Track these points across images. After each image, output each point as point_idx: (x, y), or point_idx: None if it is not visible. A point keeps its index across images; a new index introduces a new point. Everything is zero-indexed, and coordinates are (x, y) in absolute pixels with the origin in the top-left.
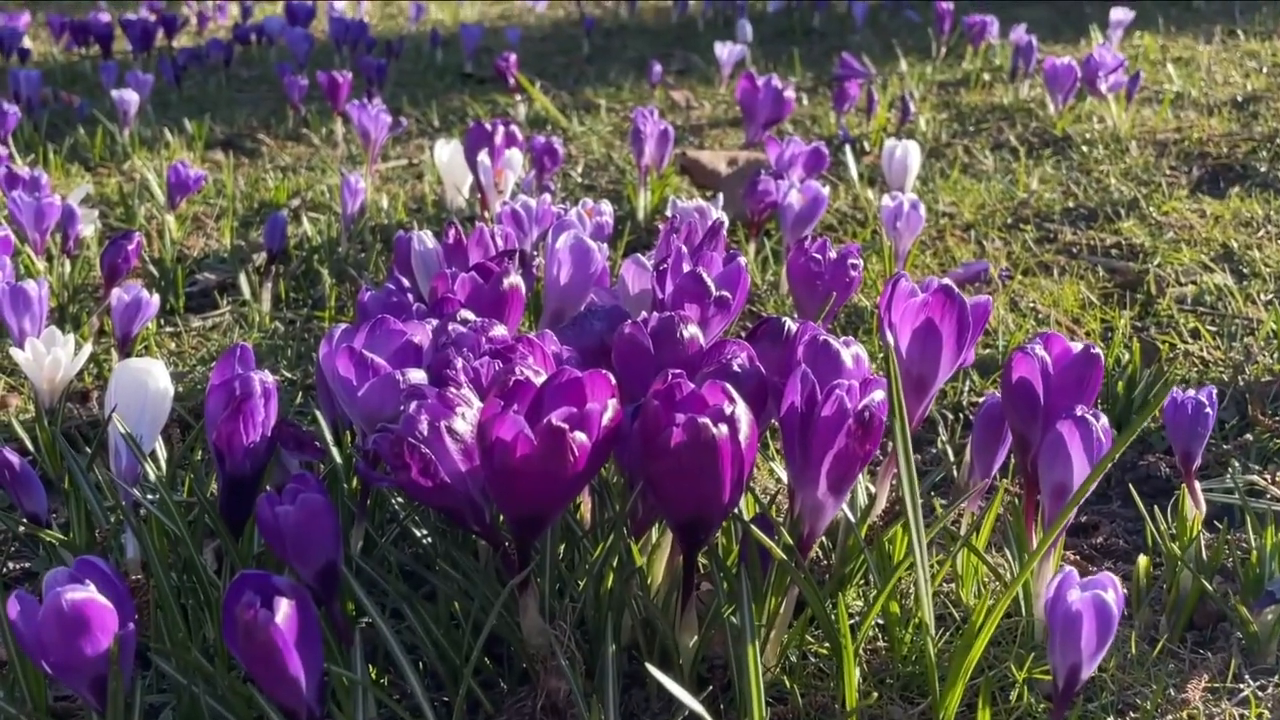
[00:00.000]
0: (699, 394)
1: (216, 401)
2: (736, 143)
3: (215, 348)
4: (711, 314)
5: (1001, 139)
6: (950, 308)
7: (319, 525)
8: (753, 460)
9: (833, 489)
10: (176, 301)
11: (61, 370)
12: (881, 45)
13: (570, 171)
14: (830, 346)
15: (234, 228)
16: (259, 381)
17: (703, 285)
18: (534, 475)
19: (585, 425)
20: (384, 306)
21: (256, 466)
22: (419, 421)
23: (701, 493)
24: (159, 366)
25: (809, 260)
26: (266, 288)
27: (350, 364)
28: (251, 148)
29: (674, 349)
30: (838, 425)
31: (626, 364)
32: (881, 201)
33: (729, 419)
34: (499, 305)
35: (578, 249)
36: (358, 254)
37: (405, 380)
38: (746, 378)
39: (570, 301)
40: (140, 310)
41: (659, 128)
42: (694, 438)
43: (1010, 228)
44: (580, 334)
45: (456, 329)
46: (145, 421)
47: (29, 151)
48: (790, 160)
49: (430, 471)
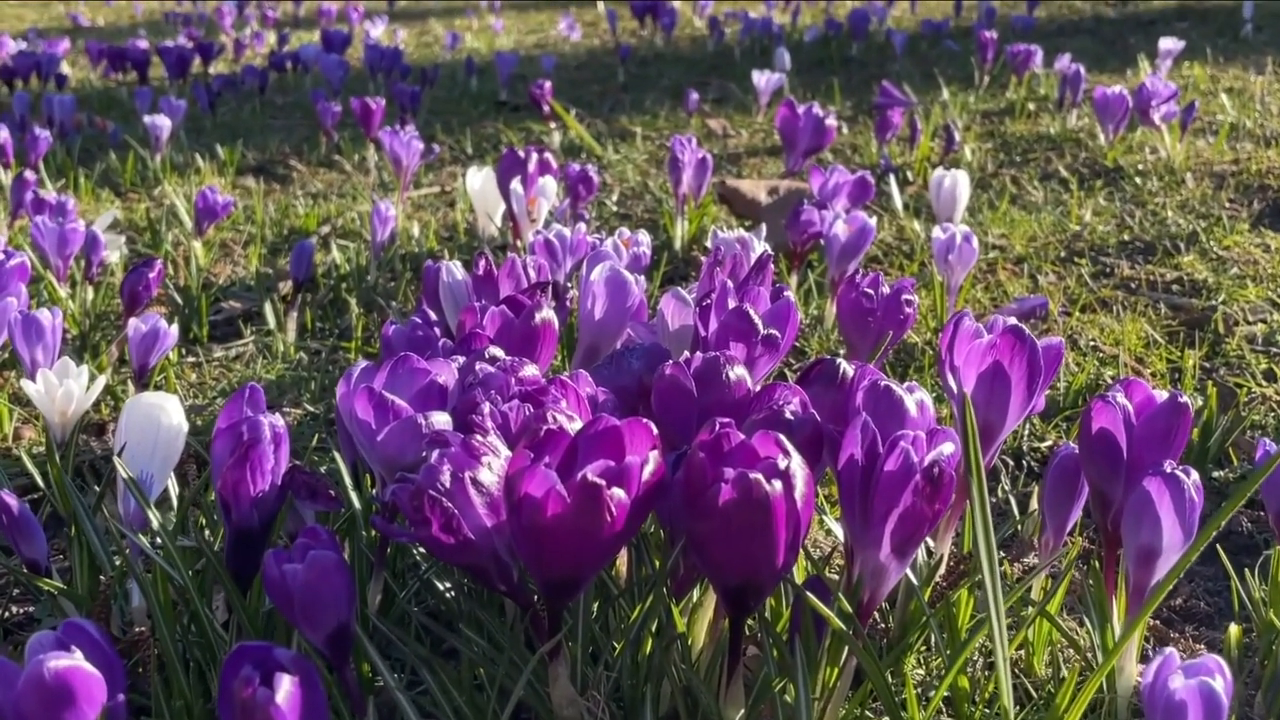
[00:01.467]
0: (749, 445)
1: (222, 447)
2: (775, 172)
3: (237, 379)
4: (759, 354)
5: (1050, 169)
6: (1020, 350)
7: (330, 586)
8: (809, 520)
9: (897, 551)
10: (200, 330)
11: (74, 403)
12: (921, 74)
13: (605, 200)
14: (892, 393)
15: (262, 255)
16: (269, 426)
17: (749, 323)
18: (567, 536)
19: (624, 481)
20: (408, 341)
21: (265, 518)
22: (441, 472)
23: (752, 556)
24: (173, 402)
25: (860, 296)
26: (292, 317)
27: (369, 406)
28: (283, 174)
29: (719, 392)
30: (903, 482)
31: (667, 408)
32: (931, 233)
33: (783, 474)
34: (530, 341)
35: (614, 281)
36: (387, 283)
37: (428, 425)
38: (800, 426)
39: (605, 337)
40: (158, 341)
41: (697, 156)
42: (745, 496)
43: (1064, 261)
44: (617, 373)
45: (484, 369)
46: (157, 460)
47: (60, 176)
48: (834, 190)
49: (453, 527)
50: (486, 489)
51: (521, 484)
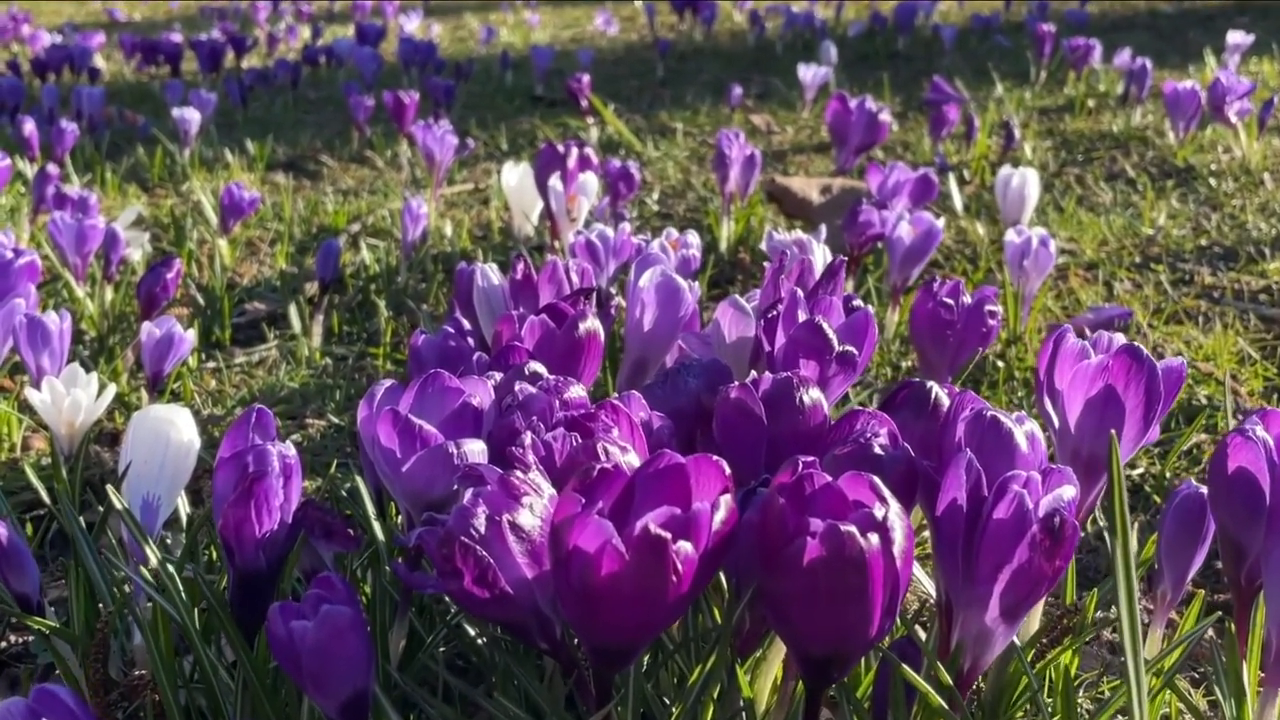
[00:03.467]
0: (836, 489)
1: (225, 480)
2: (823, 170)
3: (259, 386)
4: (833, 373)
5: (1116, 169)
6: (1138, 373)
7: (345, 648)
8: (909, 578)
9: (1006, 614)
10: (222, 333)
11: (82, 414)
12: (972, 70)
13: (645, 199)
14: (1000, 425)
15: (289, 253)
16: (277, 455)
17: (822, 338)
18: (623, 598)
19: (691, 532)
20: (439, 353)
21: (274, 560)
22: (475, 515)
23: (841, 623)
24: (183, 416)
25: (939, 306)
26: (318, 320)
27: (393, 431)
28: (313, 170)
29: (792, 419)
30: (1016, 534)
31: (732, 436)
32: (993, 236)
33: (880, 526)
34: (573, 354)
35: (665, 288)
36: (417, 284)
37: (460, 455)
38: (891, 464)
39: (655, 349)
40: (173, 348)
41: (745, 152)
42: (835, 553)
43: (1140, 268)
44: (672, 394)
45: (524, 389)
46: (164, 480)
47: (88, 171)
48: (895, 189)
49: (488, 580)
50: (527, 535)
51: (571, 535)
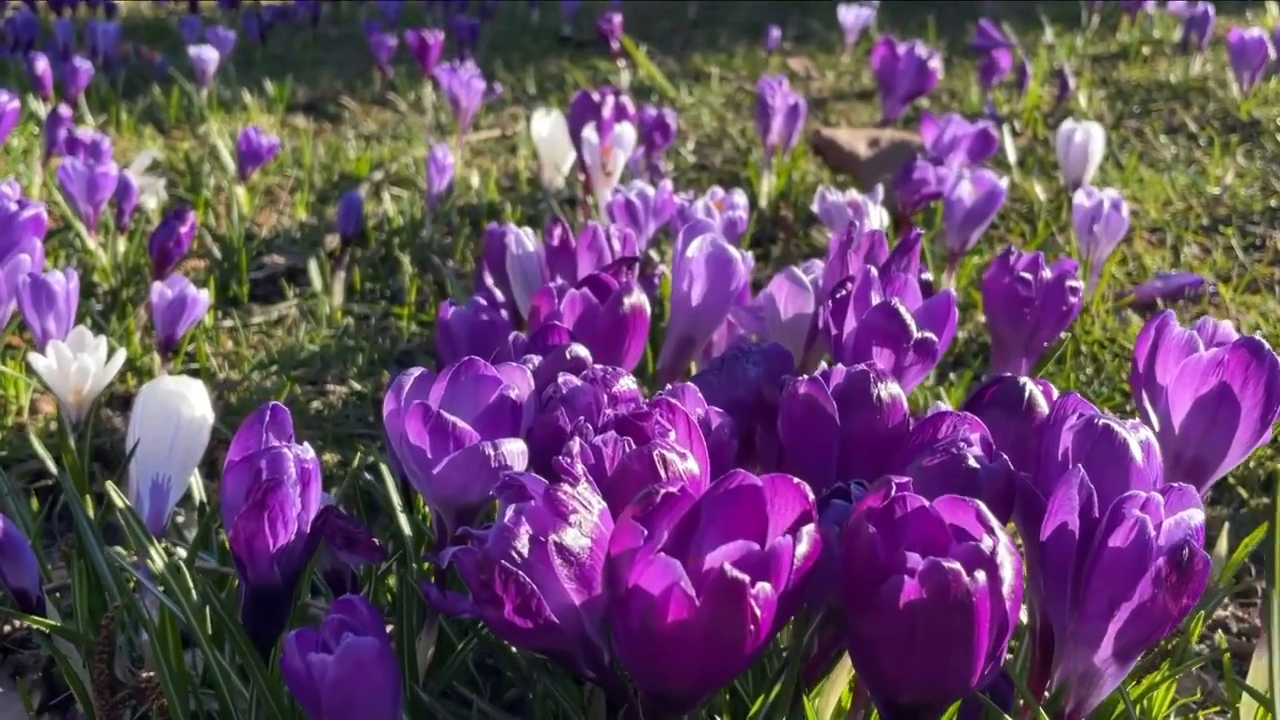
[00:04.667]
0: (933, 515)
1: (236, 485)
2: (865, 119)
3: (278, 348)
4: (909, 363)
5: (1175, 122)
6: (1257, 371)
7: (370, 683)
8: (1017, 620)
9: (1120, 655)
10: (239, 289)
11: (90, 380)
12: (1017, 13)
13: (680, 148)
14: (1114, 435)
15: (309, 203)
16: (294, 461)
17: (899, 324)
18: (691, 646)
19: (771, 570)
20: (470, 328)
21: (291, 573)
22: (517, 536)
23: (939, 670)
24: (195, 389)
25: (1016, 281)
26: (339, 277)
27: (424, 429)
28: (334, 112)
29: (868, 418)
30: (1136, 566)
31: (801, 437)
32: (1075, 200)
33: (988, 562)
34: (617, 332)
35: (716, 260)
36: (443, 238)
37: (497, 456)
38: (988, 479)
39: (703, 325)
40: (185, 310)
41: (788, 101)
42: (938, 595)
43: (1208, 230)
44: (729, 382)
45: (569, 382)
46: (175, 460)
47: (103, 111)
48: (951, 144)
49: (531, 609)
50: (576, 557)
51: (631, 572)
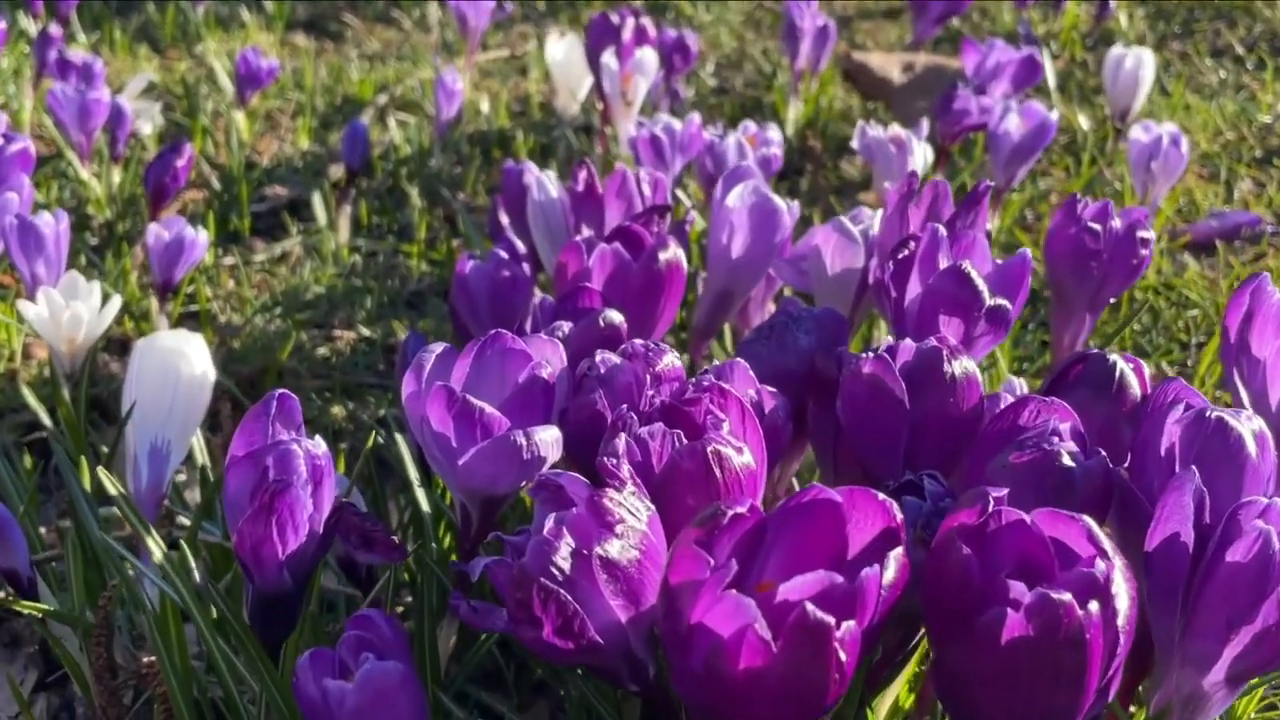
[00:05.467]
0: (1034, 532)
1: (239, 482)
2: (893, 39)
3: (282, 289)
4: (980, 332)
5: (1220, 44)
6: None
7: (392, 712)
8: (1129, 647)
9: (1232, 680)
10: (240, 222)
11: (84, 329)
12: None
13: (699, 71)
14: (1228, 431)
15: (312, 128)
16: (304, 457)
17: (970, 290)
18: (765, 694)
19: (857, 606)
20: (490, 285)
21: (302, 575)
22: (557, 550)
23: (1043, 708)
24: (195, 344)
25: (1083, 233)
26: (344, 212)
27: (448, 415)
28: (336, 30)
29: (940, 399)
30: (1257, 586)
31: (865, 420)
32: (1131, 135)
33: (1102, 591)
34: (652, 290)
35: (759, 210)
36: (452, 168)
37: (530, 447)
38: (1084, 479)
39: (743, 280)
40: (183, 252)
41: (818, 22)
42: (1048, 632)
43: (1261, 163)
44: (778, 350)
45: (607, 360)
46: (175, 420)
47: (96, 28)
48: (993, 71)
49: (573, 630)
50: (623, 571)
51: (695, 607)
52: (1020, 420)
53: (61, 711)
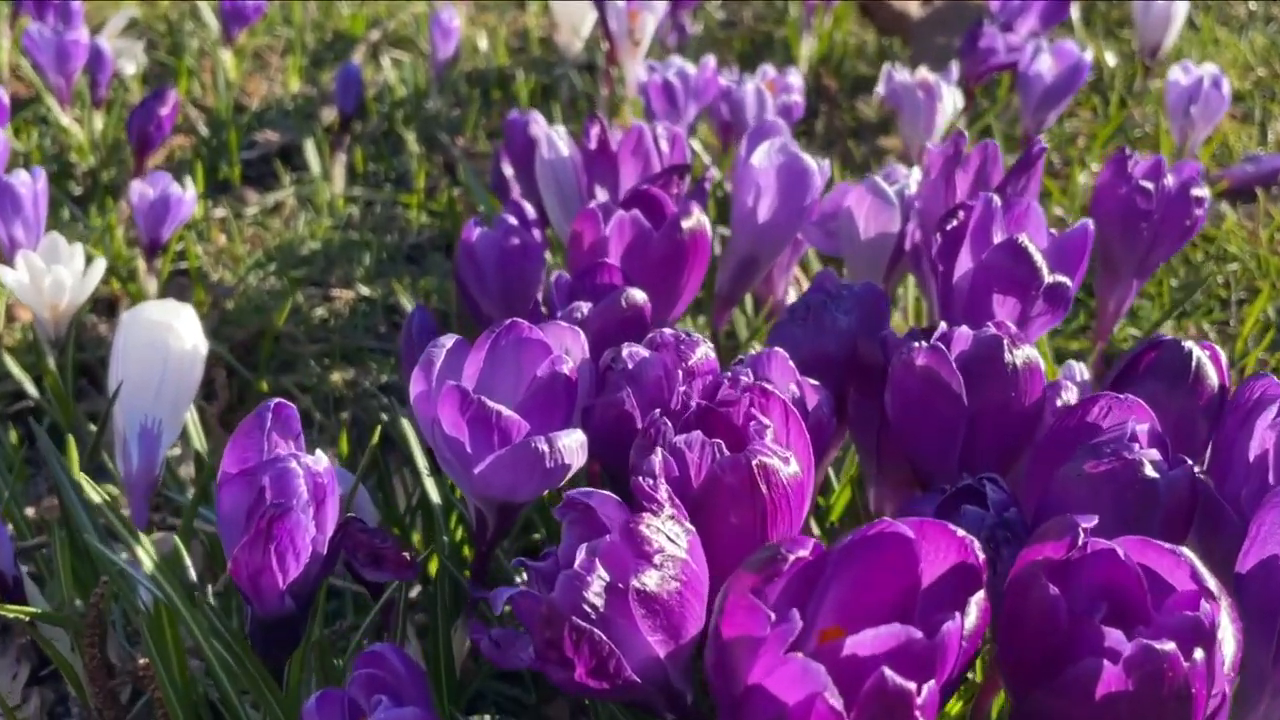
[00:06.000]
0: (1126, 566)
1: (233, 502)
2: None
3: (276, 243)
4: (1037, 312)
5: None
6: None
7: None
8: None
9: None
10: (230, 170)
11: (67, 295)
12: None
13: (704, 4)
14: None
15: (302, 68)
16: (305, 477)
17: (1028, 266)
18: None
19: (935, 663)
20: (498, 254)
21: (305, 598)
22: (590, 586)
23: None
24: (185, 316)
25: (1135, 192)
26: (339, 160)
27: (461, 419)
28: None
29: (1000, 393)
30: None
31: (917, 414)
32: (1169, 76)
33: (1208, 637)
34: (675, 261)
35: (788, 170)
36: (450, 110)
37: (553, 455)
38: (1169, 491)
39: (769, 246)
40: (170, 212)
41: None
42: (1151, 686)
43: None
44: (816, 333)
45: (635, 355)
46: (166, 399)
47: None
48: (1020, 6)
49: (608, 670)
50: (662, 604)
51: (753, 667)
52: (1090, 417)
53: (58, 705)
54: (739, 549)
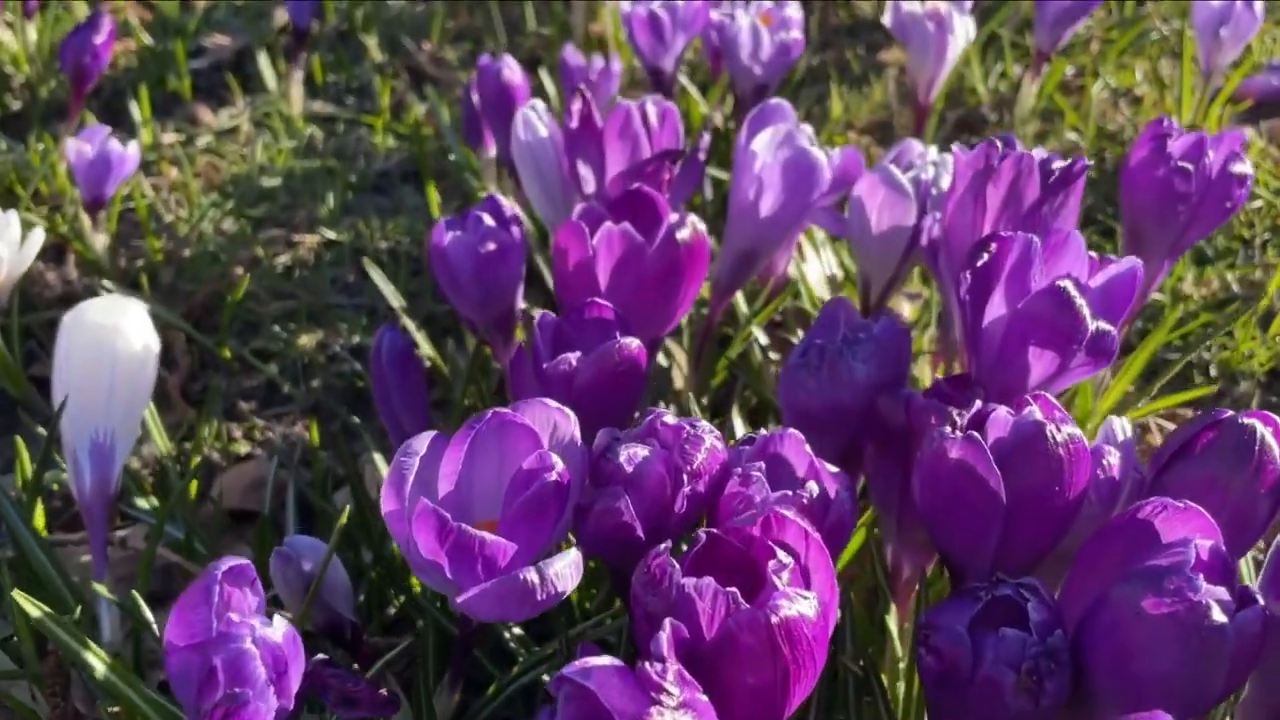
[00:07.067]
0: None
1: (181, 668)
2: None
3: (230, 177)
4: (1077, 365)
5: None
6: None
7: None
8: None
9: None
10: (179, 82)
11: (4, 270)
12: None
13: None
14: None
15: None
16: (261, 657)
17: (1071, 317)
18: None
19: None
20: (474, 261)
21: None
22: None
23: None
24: (133, 314)
25: (1174, 173)
26: (295, 78)
27: (439, 545)
28: None
29: (1040, 485)
30: None
31: (948, 506)
32: None
33: None
34: (671, 278)
35: (795, 167)
36: (414, 7)
37: (545, 587)
38: (1239, 637)
39: (770, 241)
40: (110, 170)
41: None
42: None
43: None
44: (831, 383)
45: (633, 457)
46: (117, 407)
47: None
48: None
49: None
50: None
51: None
52: (1142, 515)
53: None
54: (757, 713)
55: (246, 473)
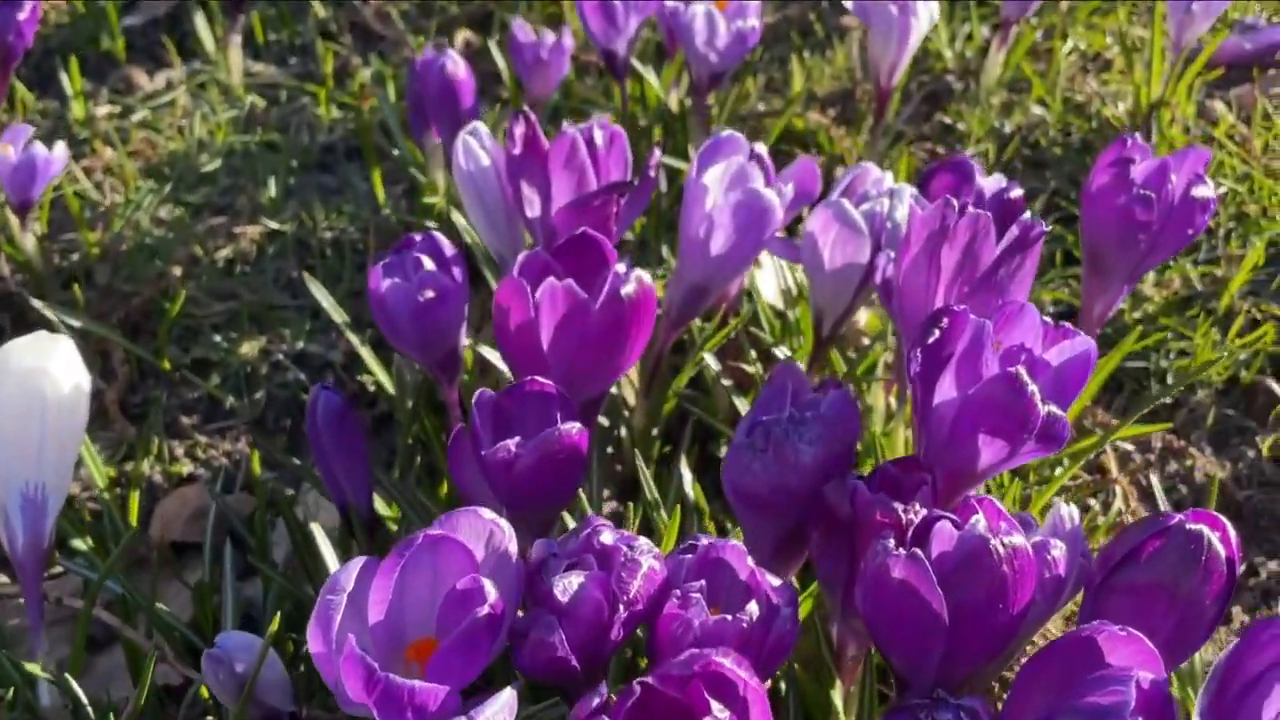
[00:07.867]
0: None
1: None
2: None
3: (166, 155)
4: (1027, 450)
5: None
6: None
7: None
8: None
9: None
10: (113, 43)
11: None
12: None
13: None
14: None
15: None
16: None
17: (1023, 406)
18: None
19: None
20: (411, 309)
21: None
22: None
23: None
24: (62, 354)
25: (1134, 201)
26: (234, 43)
27: (366, 695)
28: None
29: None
30: None
31: (891, 623)
32: None
33: None
34: (616, 333)
35: (746, 209)
36: None
37: None
38: None
39: (721, 278)
40: (36, 173)
41: None
42: None
43: None
44: (776, 465)
45: (567, 589)
46: (49, 458)
47: None
48: None
49: None
50: None
51: None
52: (1083, 635)
53: None
54: None
55: (188, 500)
